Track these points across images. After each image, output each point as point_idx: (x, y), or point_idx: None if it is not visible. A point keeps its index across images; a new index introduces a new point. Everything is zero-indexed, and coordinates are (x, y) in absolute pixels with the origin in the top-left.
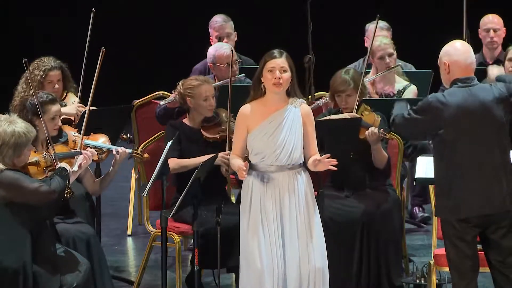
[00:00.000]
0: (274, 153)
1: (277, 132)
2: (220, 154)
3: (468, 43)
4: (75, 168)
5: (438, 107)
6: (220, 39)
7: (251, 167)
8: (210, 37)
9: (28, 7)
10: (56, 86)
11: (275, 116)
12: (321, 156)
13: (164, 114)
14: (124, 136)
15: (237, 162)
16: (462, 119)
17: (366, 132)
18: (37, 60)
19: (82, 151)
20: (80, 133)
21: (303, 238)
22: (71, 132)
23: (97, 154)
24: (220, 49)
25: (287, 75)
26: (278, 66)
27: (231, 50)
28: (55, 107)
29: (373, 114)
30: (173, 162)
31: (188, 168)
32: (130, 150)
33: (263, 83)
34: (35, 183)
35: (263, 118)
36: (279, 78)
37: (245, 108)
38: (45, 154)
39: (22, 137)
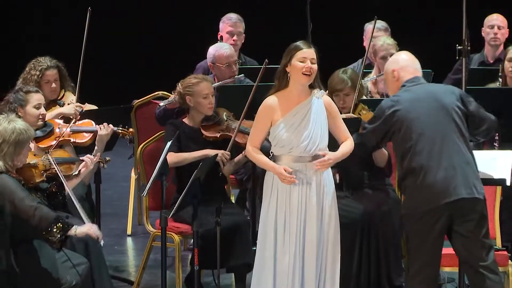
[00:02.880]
0: (301, 144)
1: (303, 124)
2: (221, 152)
3: (468, 43)
4: (75, 172)
5: (390, 105)
6: (231, 35)
7: (275, 159)
8: (219, 33)
9: (26, 6)
10: (53, 85)
11: (299, 108)
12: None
13: (164, 115)
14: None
15: (277, 166)
16: (415, 109)
17: None
18: (33, 60)
19: (82, 157)
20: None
21: (324, 237)
22: (57, 121)
23: (100, 162)
24: (220, 49)
25: (315, 67)
26: (310, 56)
27: (238, 51)
28: (38, 95)
29: (370, 113)
30: (172, 156)
31: (186, 162)
32: (114, 128)
33: (288, 73)
34: (23, 194)
35: (287, 111)
36: (310, 68)
37: (271, 100)
38: (44, 158)
39: (23, 134)
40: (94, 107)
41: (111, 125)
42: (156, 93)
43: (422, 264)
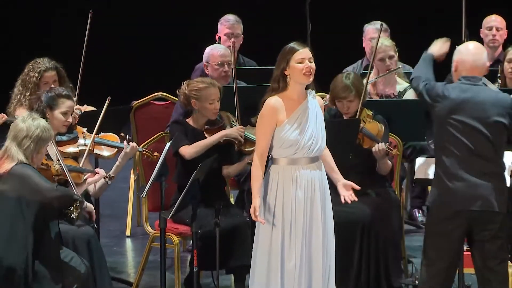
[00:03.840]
0: (307, 144)
1: (307, 124)
2: (235, 129)
3: None
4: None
5: (439, 94)
6: (229, 37)
7: (276, 162)
8: (217, 34)
9: (25, 7)
10: (52, 86)
11: (301, 109)
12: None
13: None
14: (122, 134)
15: (257, 200)
16: (456, 115)
17: (373, 149)
18: (32, 62)
19: (91, 169)
20: (90, 133)
21: (325, 235)
22: (81, 129)
23: (105, 177)
24: (214, 48)
25: (314, 65)
26: (307, 56)
27: (237, 52)
28: (69, 102)
29: (376, 123)
30: (189, 148)
31: (206, 148)
32: (140, 148)
33: (288, 76)
34: (43, 179)
35: (291, 111)
36: (310, 67)
37: (273, 100)
38: (56, 163)
39: (46, 132)
40: (93, 109)
41: (136, 145)
42: (156, 94)
43: (439, 268)
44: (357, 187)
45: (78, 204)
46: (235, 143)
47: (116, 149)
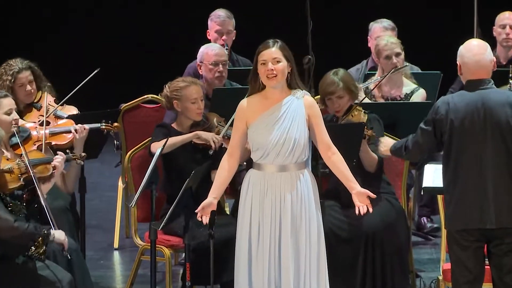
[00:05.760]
0: (275, 148)
1: (278, 124)
2: (211, 134)
3: None
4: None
5: (444, 111)
6: (220, 34)
7: (252, 166)
8: (208, 31)
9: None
10: (28, 87)
11: (275, 108)
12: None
13: None
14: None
15: (210, 198)
16: (468, 125)
17: None
18: (4, 64)
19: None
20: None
21: (302, 246)
22: (32, 125)
23: (75, 159)
24: (209, 47)
25: (281, 65)
26: (270, 57)
27: (227, 50)
28: (7, 100)
29: (360, 112)
30: (159, 144)
31: (176, 146)
32: (98, 124)
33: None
34: (2, 211)
35: (263, 111)
36: (272, 69)
37: (244, 101)
38: (19, 161)
39: None
40: (75, 109)
41: (86, 126)
42: (145, 96)
43: (464, 282)
44: (373, 195)
45: (41, 241)
46: (209, 147)
47: (72, 134)
